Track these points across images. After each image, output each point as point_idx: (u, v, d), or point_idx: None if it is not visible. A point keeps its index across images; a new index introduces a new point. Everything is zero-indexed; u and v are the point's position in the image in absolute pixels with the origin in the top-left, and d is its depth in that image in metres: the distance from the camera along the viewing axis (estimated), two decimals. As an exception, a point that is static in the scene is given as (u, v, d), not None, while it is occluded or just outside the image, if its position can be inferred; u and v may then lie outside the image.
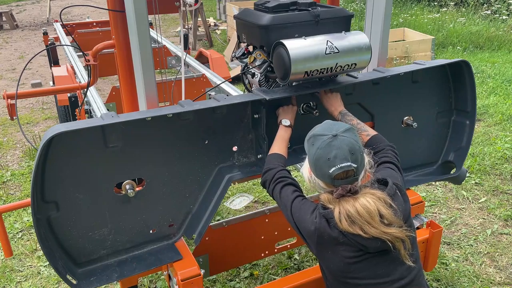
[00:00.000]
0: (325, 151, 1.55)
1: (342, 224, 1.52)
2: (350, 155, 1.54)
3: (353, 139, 1.57)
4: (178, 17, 3.70)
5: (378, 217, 1.51)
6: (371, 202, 1.52)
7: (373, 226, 1.50)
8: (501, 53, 7.42)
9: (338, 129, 1.58)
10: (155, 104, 1.95)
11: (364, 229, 1.50)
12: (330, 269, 1.61)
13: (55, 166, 1.62)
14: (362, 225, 1.50)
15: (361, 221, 1.50)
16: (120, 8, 1.99)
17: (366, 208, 1.51)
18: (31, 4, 14.89)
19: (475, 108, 2.34)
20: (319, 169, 1.59)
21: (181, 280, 1.80)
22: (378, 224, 1.51)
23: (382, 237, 1.50)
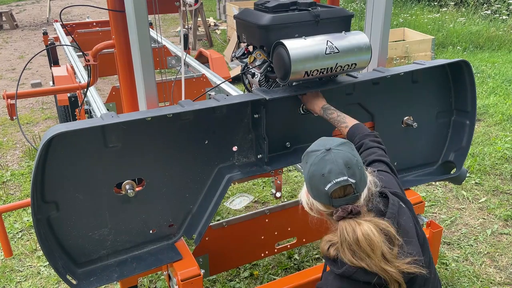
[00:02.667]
0: (318, 166, 1.42)
1: (346, 255, 1.37)
2: (346, 169, 1.40)
3: (349, 153, 1.44)
4: (178, 17, 3.70)
5: (379, 252, 1.34)
6: (376, 234, 1.35)
7: (373, 260, 1.34)
8: (501, 53, 7.42)
9: (332, 143, 1.46)
10: (155, 104, 1.95)
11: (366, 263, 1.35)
12: None
13: (55, 166, 1.62)
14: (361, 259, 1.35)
15: (360, 253, 1.35)
16: (120, 8, 1.99)
17: (368, 240, 1.34)
18: (31, 4, 14.89)
19: (475, 108, 2.34)
20: (315, 188, 1.44)
21: (181, 280, 1.80)
22: (379, 259, 1.34)
23: (380, 275, 1.35)
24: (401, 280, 1.36)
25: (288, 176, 3.99)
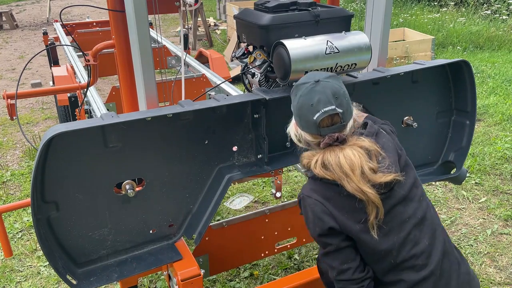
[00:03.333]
0: (307, 97, 1.50)
1: (316, 168, 1.48)
2: (334, 99, 1.48)
3: (337, 84, 1.52)
4: (178, 17, 3.70)
5: (359, 171, 1.44)
6: (356, 155, 1.45)
7: (352, 180, 1.43)
8: (501, 53, 7.42)
9: (321, 76, 1.54)
10: (155, 104, 1.95)
11: (342, 183, 1.44)
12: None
13: (55, 166, 1.62)
14: (340, 179, 1.44)
15: (340, 173, 1.44)
16: (120, 8, 1.99)
17: (349, 161, 1.44)
18: (31, 4, 14.89)
19: (475, 108, 2.34)
20: (304, 119, 1.52)
21: (181, 280, 1.80)
22: (358, 180, 1.43)
23: (357, 195, 1.44)
24: (379, 202, 1.45)
25: (288, 176, 3.99)
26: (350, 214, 1.49)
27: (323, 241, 1.54)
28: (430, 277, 1.50)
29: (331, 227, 1.50)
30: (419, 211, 1.55)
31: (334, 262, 1.53)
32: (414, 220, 1.53)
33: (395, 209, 1.52)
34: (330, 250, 1.53)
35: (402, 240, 1.50)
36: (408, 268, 1.51)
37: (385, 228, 1.50)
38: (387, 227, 1.50)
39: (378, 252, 1.50)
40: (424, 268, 1.50)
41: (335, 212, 1.49)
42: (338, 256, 1.53)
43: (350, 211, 1.49)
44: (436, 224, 1.60)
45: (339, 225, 1.49)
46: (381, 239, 1.49)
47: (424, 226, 1.55)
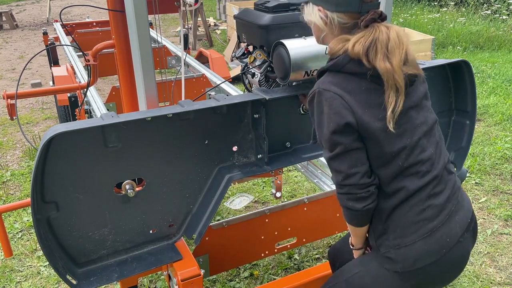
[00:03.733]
0: None
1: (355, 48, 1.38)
2: None
3: None
4: (178, 17, 3.70)
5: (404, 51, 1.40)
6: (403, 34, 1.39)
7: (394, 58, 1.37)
8: (501, 53, 7.42)
9: None
10: (155, 104, 1.96)
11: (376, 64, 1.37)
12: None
13: (55, 166, 1.62)
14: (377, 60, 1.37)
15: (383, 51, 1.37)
16: (120, 8, 1.99)
17: (399, 38, 1.37)
18: (31, 4, 14.89)
19: (475, 108, 2.34)
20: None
21: (181, 280, 1.80)
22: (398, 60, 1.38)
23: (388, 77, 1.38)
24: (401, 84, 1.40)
25: (288, 176, 3.99)
26: (370, 110, 1.42)
27: (335, 140, 1.43)
28: (431, 182, 1.49)
29: (348, 122, 1.41)
30: (430, 120, 1.54)
31: (342, 166, 1.44)
32: (425, 127, 1.51)
33: (409, 113, 1.49)
34: (340, 151, 1.43)
35: (414, 143, 1.47)
36: (412, 174, 1.48)
37: (399, 130, 1.45)
38: (401, 128, 1.46)
39: (390, 154, 1.45)
40: (427, 175, 1.49)
41: (355, 107, 1.41)
42: (347, 158, 1.44)
43: (370, 106, 1.42)
44: (441, 140, 1.59)
45: (357, 121, 1.42)
46: (395, 139, 1.45)
47: (431, 137, 1.53)
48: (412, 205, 1.48)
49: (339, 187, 1.48)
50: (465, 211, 1.57)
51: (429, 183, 1.49)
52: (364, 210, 1.46)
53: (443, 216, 1.49)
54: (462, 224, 1.53)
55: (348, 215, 1.51)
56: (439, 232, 1.48)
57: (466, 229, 1.54)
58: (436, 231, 1.48)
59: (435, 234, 1.48)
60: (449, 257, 1.50)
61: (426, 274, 1.50)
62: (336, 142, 1.43)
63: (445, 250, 1.49)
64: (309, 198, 2.43)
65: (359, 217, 1.51)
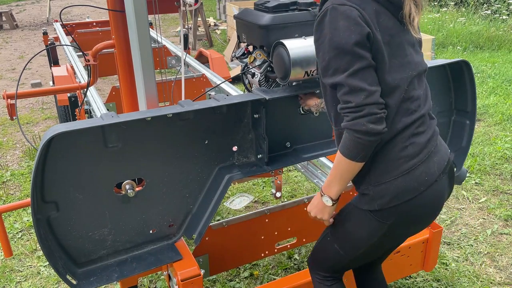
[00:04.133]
0: None
1: None
2: None
3: None
4: (178, 17, 3.70)
5: None
6: None
7: None
8: (501, 53, 7.43)
9: None
10: (155, 104, 1.96)
11: None
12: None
13: (55, 166, 1.62)
14: None
15: None
16: (120, 8, 1.99)
17: None
18: (31, 4, 14.90)
19: (475, 108, 2.34)
20: None
21: (181, 280, 1.80)
22: None
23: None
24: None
25: (288, 176, 3.99)
26: (378, 31, 1.43)
27: (358, 52, 1.38)
28: (417, 121, 1.52)
29: (369, 33, 1.39)
30: (422, 64, 1.59)
31: (363, 83, 1.38)
32: (420, 68, 1.56)
33: (408, 49, 1.53)
34: (361, 66, 1.38)
35: (411, 78, 1.51)
36: (404, 110, 1.50)
37: (399, 61, 1.49)
38: (405, 59, 1.50)
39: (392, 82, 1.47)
40: (415, 113, 1.51)
41: (370, 23, 1.41)
42: (368, 74, 1.40)
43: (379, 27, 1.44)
44: (427, 88, 1.64)
45: (373, 37, 1.41)
46: (397, 68, 1.47)
47: (421, 81, 1.58)
48: (397, 142, 1.49)
49: (358, 109, 1.39)
50: (442, 155, 1.59)
51: (415, 122, 1.51)
52: (382, 133, 1.41)
53: (424, 155, 1.51)
54: (440, 165, 1.55)
55: (359, 143, 1.42)
56: (418, 170, 1.49)
57: (443, 170, 1.55)
58: (416, 169, 1.49)
59: (415, 172, 1.49)
60: (425, 196, 1.51)
61: (402, 213, 1.51)
62: (358, 55, 1.38)
63: (422, 188, 1.50)
64: (309, 198, 2.43)
65: (372, 144, 1.43)
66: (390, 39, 1.46)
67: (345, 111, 1.42)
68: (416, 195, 1.49)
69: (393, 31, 1.47)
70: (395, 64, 1.47)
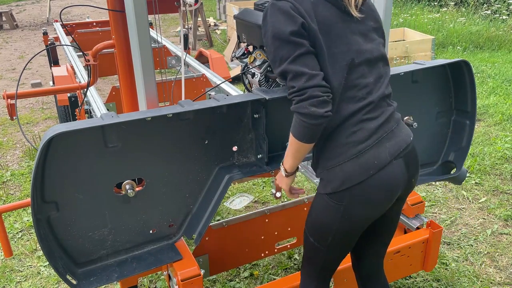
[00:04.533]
0: None
1: None
2: None
3: None
4: (178, 17, 3.70)
5: None
6: None
7: None
8: (501, 53, 7.43)
9: None
10: (155, 104, 1.96)
11: None
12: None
13: (55, 166, 1.62)
14: None
15: None
16: (120, 8, 1.99)
17: None
18: (31, 4, 14.90)
19: (475, 108, 2.34)
20: None
21: (181, 280, 1.80)
22: None
23: None
24: None
25: (288, 176, 3.98)
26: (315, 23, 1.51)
27: (295, 40, 1.47)
28: (365, 108, 1.56)
29: (304, 23, 1.49)
30: (375, 52, 1.61)
31: (304, 67, 1.47)
32: (369, 56, 1.58)
33: (354, 37, 1.57)
34: (302, 52, 1.48)
35: (353, 67, 1.55)
36: (349, 98, 1.55)
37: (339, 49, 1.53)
38: (345, 47, 1.54)
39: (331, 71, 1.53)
40: (362, 100, 1.55)
41: (305, 16, 1.50)
42: (308, 59, 1.49)
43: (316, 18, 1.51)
44: (386, 75, 1.66)
45: (309, 27, 1.50)
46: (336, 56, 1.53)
47: (373, 68, 1.60)
48: (345, 128, 1.55)
49: (300, 93, 1.47)
50: (398, 141, 1.60)
51: (363, 108, 1.55)
52: (325, 116, 1.46)
53: (373, 140, 1.55)
54: (393, 150, 1.57)
55: (304, 126, 1.49)
56: (367, 154, 1.53)
57: (397, 155, 1.57)
58: (364, 153, 1.53)
59: (363, 156, 1.53)
60: (375, 179, 1.54)
61: (353, 195, 1.55)
62: (296, 43, 1.47)
63: (372, 171, 1.53)
64: (309, 198, 2.43)
65: (316, 127, 1.49)
66: (328, 29, 1.52)
67: (290, 96, 1.50)
68: (366, 178, 1.53)
69: (332, 21, 1.53)
70: (333, 52, 1.52)
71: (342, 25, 1.55)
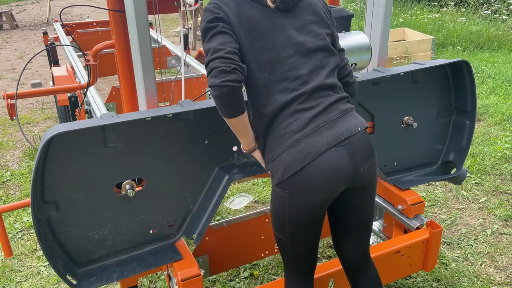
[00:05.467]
0: None
1: None
2: None
3: None
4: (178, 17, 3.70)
5: None
6: None
7: None
8: (501, 53, 7.43)
9: None
10: (155, 104, 1.96)
11: None
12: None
13: (55, 166, 1.62)
14: None
15: None
16: (120, 8, 1.99)
17: None
18: (31, 4, 14.89)
19: (475, 108, 2.34)
20: None
21: (181, 280, 1.80)
22: None
23: None
24: None
25: (288, 176, 3.98)
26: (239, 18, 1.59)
27: (209, 26, 1.56)
28: (298, 98, 1.58)
29: (219, 17, 1.57)
30: (310, 44, 1.63)
31: (212, 43, 1.53)
32: (302, 49, 1.62)
33: (287, 31, 1.62)
34: (213, 33, 1.55)
35: (281, 59, 1.59)
36: (281, 90, 1.58)
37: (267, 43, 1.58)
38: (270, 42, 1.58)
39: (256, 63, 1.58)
40: (295, 92, 1.58)
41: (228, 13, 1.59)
42: (218, 38, 1.54)
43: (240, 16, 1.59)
44: (326, 66, 1.66)
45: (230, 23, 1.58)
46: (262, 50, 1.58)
47: (309, 59, 1.62)
48: (281, 119, 1.59)
49: (207, 68, 1.53)
50: (339, 130, 1.59)
51: (296, 99, 1.58)
52: (222, 86, 1.47)
53: (309, 129, 1.57)
54: (331, 139, 1.57)
55: (216, 101, 1.54)
56: (303, 143, 1.56)
57: (336, 144, 1.57)
58: (299, 142, 1.56)
59: (299, 145, 1.56)
60: (313, 167, 1.55)
61: (295, 183, 1.57)
62: (209, 27, 1.56)
63: (308, 159, 1.55)
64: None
65: (223, 99, 1.51)
66: (253, 25, 1.58)
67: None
68: (303, 165, 1.55)
69: (257, 18, 1.59)
70: (257, 47, 1.58)
71: (268, 21, 1.60)
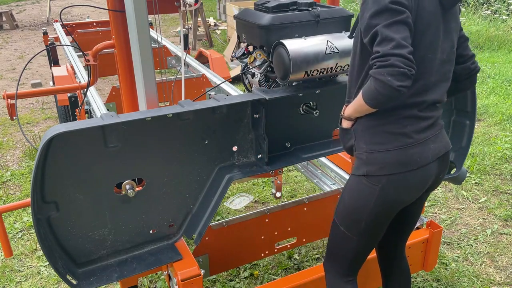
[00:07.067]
0: None
1: None
2: None
3: None
4: (178, 17, 3.70)
5: None
6: None
7: None
8: (501, 53, 7.43)
9: None
10: (155, 104, 1.96)
11: None
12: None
13: (55, 166, 1.62)
14: None
15: None
16: (120, 8, 1.99)
17: None
18: (31, 4, 14.90)
19: (475, 108, 2.34)
20: None
21: (181, 280, 1.80)
22: None
23: None
24: None
25: (288, 176, 3.99)
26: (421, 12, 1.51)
27: (394, 8, 1.43)
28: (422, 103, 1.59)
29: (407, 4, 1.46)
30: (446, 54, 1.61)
31: (396, 34, 1.41)
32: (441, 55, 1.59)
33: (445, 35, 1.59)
34: (398, 19, 1.42)
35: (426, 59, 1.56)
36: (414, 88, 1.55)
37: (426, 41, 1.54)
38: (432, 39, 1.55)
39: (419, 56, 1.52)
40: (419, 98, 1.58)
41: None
42: (402, 28, 1.43)
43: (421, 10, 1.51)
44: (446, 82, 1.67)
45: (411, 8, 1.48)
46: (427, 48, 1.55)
47: (440, 69, 1.62)
48: (396, 119, 1.56)
49: (383, 58, 1.41)
50: (440, 146, 1.65)
51: (417, 105, 1.57)
52: (397, 90, 1.40)
53: (420, 138, 1.58)
54: (434, 153, 1.62)
55: (375, 92, 1.45)
56: (412, 150, 1.56)
57: (436, 159, 1.63)
58: (409, 148, 1.56)
59: (409, 150, 1.56)
60: (414, 174, 1.58)
61: (391, 180, 1.58)
62: (394, 10, 1.43)
63: (412, 167, 1.56)
64: (309, 198, 2.43)
65: (386, 98, 1.45)
66: (425, 20, 1.51)
67: (373, 61, 1.45)
68: (405, 171, 1.57)
69: (431, 16, 1.52)
70: (420, 40, 1.52)
71: (438, 20, 1.55)
